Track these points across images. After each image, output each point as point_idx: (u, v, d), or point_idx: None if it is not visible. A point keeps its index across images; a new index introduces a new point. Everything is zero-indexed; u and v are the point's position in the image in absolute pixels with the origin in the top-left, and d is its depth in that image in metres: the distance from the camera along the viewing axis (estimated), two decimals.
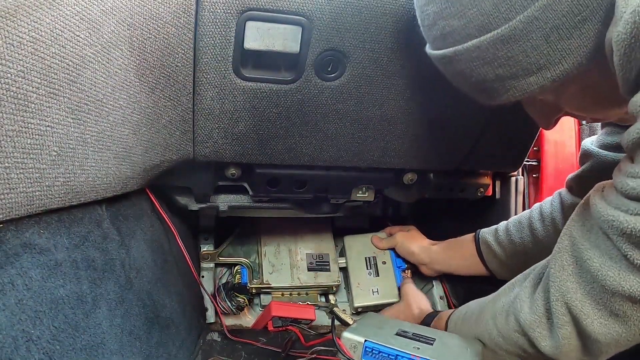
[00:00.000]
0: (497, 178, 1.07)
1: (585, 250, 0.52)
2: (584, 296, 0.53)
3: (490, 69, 0.50)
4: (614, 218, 0.47)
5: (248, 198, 0.94)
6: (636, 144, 0.44)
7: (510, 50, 0.47)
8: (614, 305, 0.50)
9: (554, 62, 0.47)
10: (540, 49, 0.46)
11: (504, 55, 0.48)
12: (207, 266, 1.07)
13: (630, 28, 0.39)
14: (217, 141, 0.76)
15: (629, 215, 0.46)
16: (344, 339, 0.69)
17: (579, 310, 0.53)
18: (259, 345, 0.86)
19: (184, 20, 0.63)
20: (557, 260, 0.56)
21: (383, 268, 1.12)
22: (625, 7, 0.40)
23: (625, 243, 0.47)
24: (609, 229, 0.49)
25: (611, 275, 0.49)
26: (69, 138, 0.54)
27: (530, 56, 0.47)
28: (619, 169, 0.49)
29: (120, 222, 0.69)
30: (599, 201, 0.51)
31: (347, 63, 0.71)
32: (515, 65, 0.48)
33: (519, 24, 0.46)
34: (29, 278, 0.48)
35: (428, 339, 0.70)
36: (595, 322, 0.52)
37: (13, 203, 0.47)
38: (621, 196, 0.47)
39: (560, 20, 0.45)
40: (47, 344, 0.48)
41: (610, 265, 0.49)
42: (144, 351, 0.65)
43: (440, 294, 1.16)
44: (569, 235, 0.56)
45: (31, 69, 0.47)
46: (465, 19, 0.48)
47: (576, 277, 0.54)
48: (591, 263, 0.51)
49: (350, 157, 0.84)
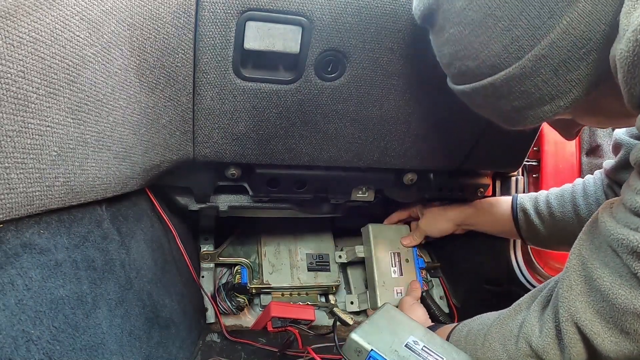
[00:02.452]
0: (497, 178, 1.07)
1: (594, 269, 0.52)
2: (594, 315, 0.52)
3: (507, 102, 0.54)
4: (622, 236, 0.47)
5: (248, 198, 0.94)
6: None
7: (523, 85, 0.51)
8: (625, 324, 0.50)
9: (564, 92, 0.50)
10: (551, 82, 0.49)
11: (518, 90, 0.51)
12: (207, 266, 1.07)
13: (632, 46, 0.40)
14: (217, 141, 0.76)
15: (638, 234, 0.46)
16: (351, 340, 0.67)
17: (589, 330, 0.53)
18: (258, 346, 0.86)
19: (184, 20, 0.63)
20: (565, 279, 0.56)
21: (406, 267, 1.07)
22: (627, 25, 0.41)
23: (635, 261, 0.47)
24: (618, 247, 0.49)
25: (622, 293, 0.48)
26: (69, 138, 0.54)
27: (542, 89, 0.50)
28: (628, 185, 0.49)
29: (120, 222, 0.69)
30: (608, 219, 0.51)
31: (347, 63, 0.71)
32: (529, 98, 0.52)
33: (528, 63, 0.49)
34: (29, 278, 0.48)
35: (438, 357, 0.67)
36: (606, 341, 0.52)
37: (13, 203, 0.47)
38: (630, 213, 0.47)
39: (567, 55, 0.47)
40: (47, 344, 0.48)
41: (621, 283, 0.49)
42: (143, 351, 0.65)
43: (440, 294, 1.16)
44: (577, 254, 0.56)
45: (31, 69, 0.47)
46: (478, 60, 0.52)
47: (585, 296, 0.54)
48: (601, 282, 0.51)
49: (350, 157, 0.84)
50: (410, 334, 0.70)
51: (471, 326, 0.73)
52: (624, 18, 0.41)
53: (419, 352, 0.67)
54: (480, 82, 0.54)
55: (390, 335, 0.69)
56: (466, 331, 0.73)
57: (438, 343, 0.70)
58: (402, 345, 0.68)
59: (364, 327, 0.70)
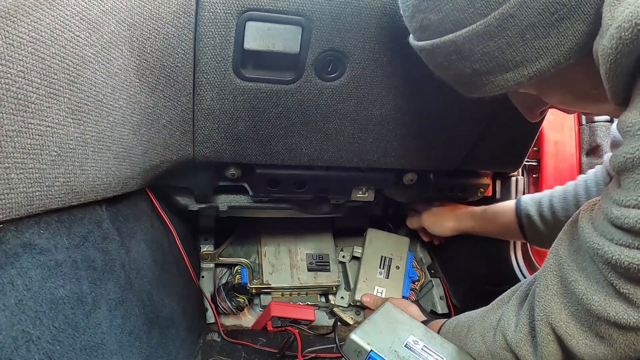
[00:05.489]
0: (497, 178, 1.07)
1: (571, 271, 0.51)
2: (569, 317, 0.52)
3: (467, 64, 0.50)
4: (599, 247, 0.46)
5: (248, 198, 0.94)
6: (622, 168, 0.42)
7: (487, 47, 0.47)
8: (600, 329, 0.49)
9: (530, 59, 0.47)
10: (516, 46, 0.46)
11: (480, 51, 0.48)
12: (207, 266, 1.07)
13: (615, 43, 0.39)
14: (217, 141, 0.76)
15: (614, 245, 0.44)
16: (350, 341, 0.67)
17: (563, 331, 0.52)
18: (257, 347, 0.86)
19: (184, 20, 0.63)
20: (542, 279, 0.55)
21: (395, 273, 1.11)
22: (611, 20, 0.39)
23: (611, 272, 0.46)
24: (594, 256, 0.48)
25: (597, 300, 0.48)
26: (69, 138, 0.54)
27: (507, 53, 0.47)
28: (607, 190, 0.48)
29: (120, 223, 0.69)
30: (587, 224, 0.50)
31: (347, 63, 0.71)
32: (492, 61, 0.48)
33: (493, 21, 0.46)
34: (29, 278, 0.48)
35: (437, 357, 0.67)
36: (580, 343, 0.52)
37: (13, 203, 0.47)
38: (607, 222, 0.46)
39: (536, 18, 0.44)
40: (47, 344, 0.48)
41: (596, 289, 0.48)
42: (144, 351, 0.65)
43: (440, 294, 1.16)
44: (555, 254, 0.55)
45: (31, 69, 0.47)
46: (441, 14, 0.49)
47: (561, 297, 0.53)
48: (576, 285, 0.50)
49: (350, 157, 0.84)
50: (410, 334, 0.71)
51: (459, 319, 0.74)
52: (608, 11, 0.40)
53: (418, 352, 0.67)
54: (442, 39, 0.50)
55: (390, 335, 0.69)
56: (454, 324, 0.74)
57: (438, 342, 0.70)
58: (402, 345, 0.68)
59: (364, 327, 0.70)
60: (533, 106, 0.59)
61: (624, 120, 0.41)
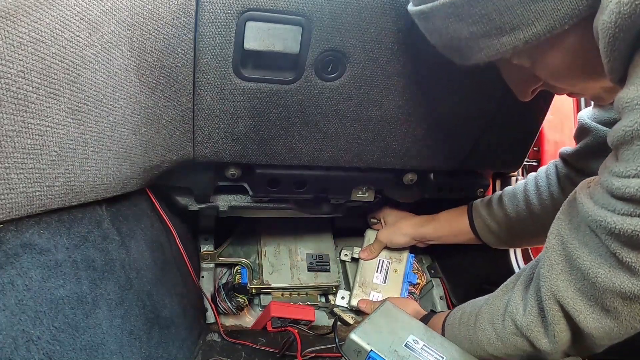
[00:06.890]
0: (497, 178, 1.07)
1: (574, 248, 0.52)
2: (575, 293, 0.53)
3: (465, 26, 0.51)
4: (601, 218, 0.47)
5: (248, 198, 0.94)
6: (621, 141, 0.43)
7: (484, 8, 0.48)
8: (606, 302, 0.50)
9: (527, 23, 0.47)
10: (514, 9, 0.47)
11: (478, 12, 0.49)
12: (207, 266, 1.07)
13: (615, 18, 0.39)
14: (217, 141, 0.76)
15: (616, 215, 0.45)
16: (350, 341, 0.67)
17: (571, 307, 0.53)
18: (257, 347, 0.86)
19: (184, 20, 0.63)
20: (546, 259, 0.56)
21: (393, 277, 1.09)
22: None
23: (614, 242, 0.47)
24: (596, 228, 0.49)
25: (602, 272, 0.49)
26: (69, 138, 0.54)
27: (504, 15, 0.48)
28: (605, 165, 0.48)
29: (120, 223, 0.69)
30: (586, 200, 0.50)
31: (347, 63, 0.71)
32: (489, 24, 0.49)
33: None
34: (29, 278, 0.48)
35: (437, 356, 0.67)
36: (588, 318, 0.53)
37: (13, 203, 0.48)
38: (607, 195, 0.47)
39: None
40: (47, 344, 0.48)
41: (600, 262, 0.49)
42: (144, 351, 0.65)
43: (440, 294, 1.16)
44: (556, 234, 0.56)
45: (31, 69, 0.47)
46: None
47: (566, 275, 0.54)
48: (581, 261, 0.51)
49: (350, 158, 0.84)
50: (410, 333, 0.70)
51: (464, 309, 0.74)
52: None
53: (418, 351, 0.67)
54: (441, 1, 0.51)
55: (390, 335, 0.69)
56: (460, 314, 0.74)
57: (438, 341, 0.70)
58: (401, 345, 0.68)
59: (364, 327, 0.70)
60: (525, 83, 0.60)
61: (622, 97, 0.42)
